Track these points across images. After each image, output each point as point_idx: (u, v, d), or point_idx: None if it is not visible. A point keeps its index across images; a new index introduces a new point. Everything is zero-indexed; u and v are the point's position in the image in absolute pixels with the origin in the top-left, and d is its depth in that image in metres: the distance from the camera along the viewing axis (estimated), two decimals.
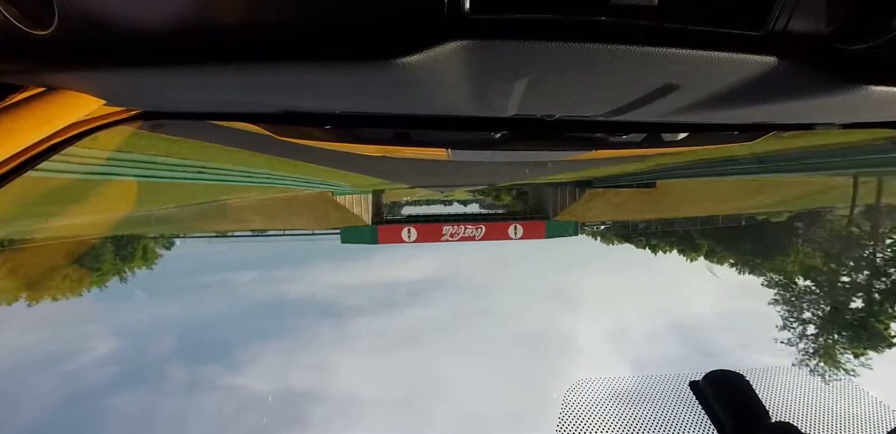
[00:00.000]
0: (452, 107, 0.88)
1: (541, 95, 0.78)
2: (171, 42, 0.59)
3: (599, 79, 0.67)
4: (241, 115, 1.06)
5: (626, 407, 0.76)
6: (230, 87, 0.75)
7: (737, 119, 0.97)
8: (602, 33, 0.54)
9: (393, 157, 1.94)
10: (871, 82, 0.59)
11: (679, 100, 0.75)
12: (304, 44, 0.58)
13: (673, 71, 0.60)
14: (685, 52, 0.55)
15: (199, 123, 1.16)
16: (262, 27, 0.57)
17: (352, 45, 0.57)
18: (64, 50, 0.61)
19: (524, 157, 2.29)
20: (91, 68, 0.64)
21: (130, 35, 0.59)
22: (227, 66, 0.61)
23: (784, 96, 0.70)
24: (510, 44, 0.54)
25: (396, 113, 1.02)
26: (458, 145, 1.32)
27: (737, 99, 0.71)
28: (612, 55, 0.55)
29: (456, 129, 1.11)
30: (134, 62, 0.62)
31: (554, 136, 1.21)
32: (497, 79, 0.69)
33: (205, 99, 0.91)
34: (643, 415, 0.74)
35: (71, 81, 0.70)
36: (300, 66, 0.60)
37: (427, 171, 4.59)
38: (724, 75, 0.61)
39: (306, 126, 1.14)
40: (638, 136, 1.21)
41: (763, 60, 0.57)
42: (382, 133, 1.16)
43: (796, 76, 0.61)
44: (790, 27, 0.55)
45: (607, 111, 0.88)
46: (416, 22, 0.54)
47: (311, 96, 0.83)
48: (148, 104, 0.93)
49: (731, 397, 0.66)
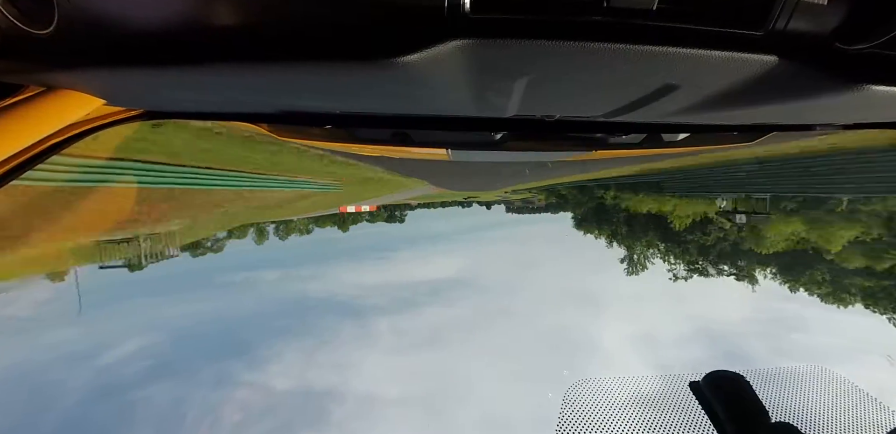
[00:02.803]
0: (453, 107, 0.88)
1: (541, 95, 0.78)
2: (172, 42, 0.59)
3: (599, 79, 0.67)
4: (242, 115, 1.06)
5: (626, 407, 0.76)
6: (230, 87, 0.75)
7: (737, 119, 0.97)
8: (602, 33, 0.54)
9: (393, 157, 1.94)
10: (871, 82, 0.59)
11: (679, 100, 0.75)
12: (305, 43, 0.58)
13: (673, 71, 0.60)
14: (685, 51, 0.55)
15: (198, 123, 1.15)
16: (263, 27, 0.57)
17: (352, 44, 0.57)
18: (64, 49, 0.61)
19: (524, 157, 2.29)
20: (91, 68, 0.64)
21: (130, 34, 0.59)
22: (227, 66, 0.61)
23: (784, 96, 0.70)
24: (510, 43, 0.54)
25: (397, 113, 1.02)
26: (459, 145, 1.32)
27: (737, 99, 0.71)
28: (613, 55, 0.55)
29: (456, 129, 1.11)
30: (134, 62, 0.62)
31: (554, 137, 1.21)
32: (497, 79, 0.69)
33: (205, 99, 0.91)
34: (643, 415, 0.74)
35: (71, 81, 0.70)
36: (300, 65, 0.60)
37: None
38: (724, 75, 0.61)
39: (307, 126, 1.14)
40: (638, 136, 1.20)
41: (763, 60, 0.57)
42: (382, 133, 1.16)
43: (796, 76, 0.61)
44: (790, 27, 0.55)
45: (607, 112, 0.88)
46: (417, 21, 0.54)
47: (311, 96, 0.83)
48: (148, 104, 0.93)
49: (730, 397, 0.66)
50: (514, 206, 13.45)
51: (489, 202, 13.17)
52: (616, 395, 0.78)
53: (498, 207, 13.23)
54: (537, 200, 12.96)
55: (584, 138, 1.21)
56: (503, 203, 13.08)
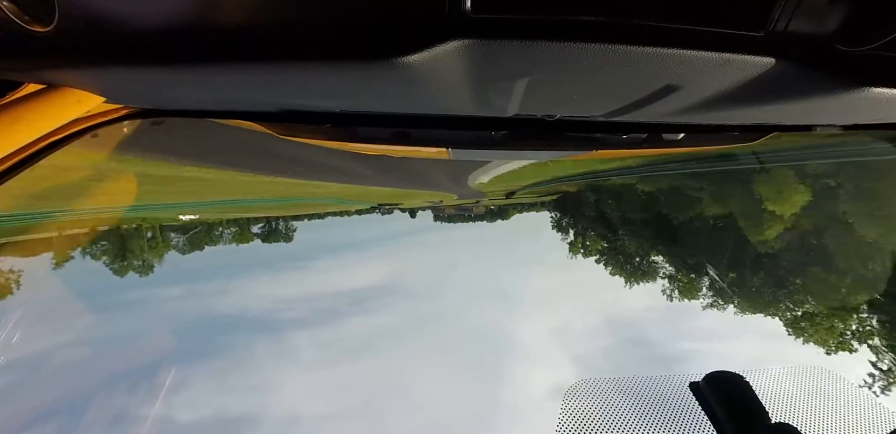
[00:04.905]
0: (453, 106, 0.88)
1: (541, 95, 0.78)
2: (172, 40, 0.59)
3: (600, 79, 0.67)
4: (242, 114, 1.06)
5: (626, 407, 0.76)
6: (231, 85, 0.75)
7: (737, 120, 0.97)
8: (603, 33, 0.54)
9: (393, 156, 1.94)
10: (872, 83, 0.59)
11: (680, 100, 0.75)
12: (305, 42, 0.57)
13: (674, 72, 0.60)
14: (686, 52, 0.55)
15: (198, 121, 1.16)
16: (264, 25, 0.57)
17: (353, 44, 0.57)
18: (64, 47, 0.61)
19: (524, 156, 2.29)
20: (91, 65, 0.64)
21: (131, 32, 0.59)
22: (227, 64, 0.61)
23: (785, 97, 0.70)
24: (511, 43, 0.54)
25: (397, 112, 1.02)
26: (459, 144, 1.32)
27: (737, 100, 0.71)
28: (613, 55, 0.55)
29: (457, 129, 1.11)
30: (134, 59, 0.62)
31: (554, 136, 1.21)
32: (498, 78, 0.69)
33: (205, 97, 0.91)
34: (643, 415, 0.74)
35: (71, 78, 0.70)
36: (301, 64, 0.60)
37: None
38: (724, 76, 0.61)
39: (307, 124, 1.14)
40: (638, 136, 1.21)
41: (764, 61, 0.57)
42: (383, 132, 1.16)
43: (797, 77, 0.61)
44: (791, 28, 0.55)
45: (608, 111, 0.88)
46: (418, 21, 0.54)
47: (311, 95, 0.83)
48: (148, 101, 0.93)
49: (730, 398, 0.66)
50: (445, 213, 12.26)
51: (414, 209, 11.61)
52: (616, 394, 0.78)
53: (424, 214, 11.87)
54: (476, 208, 11.94)
55: (585, 138, 1.21)
56: (432, 209, 11.69)
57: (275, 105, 0.97)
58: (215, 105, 1.00)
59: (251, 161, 3.50)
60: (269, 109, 1.01)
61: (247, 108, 1.02)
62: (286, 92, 0.81)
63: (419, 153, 1.64)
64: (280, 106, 0.97)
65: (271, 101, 0.92)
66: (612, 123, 1.05)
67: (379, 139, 1.19)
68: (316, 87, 0.75)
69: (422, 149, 1.44)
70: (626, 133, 1.16)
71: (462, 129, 1.11)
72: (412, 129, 1.14)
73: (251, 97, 0.88)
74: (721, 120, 0.96)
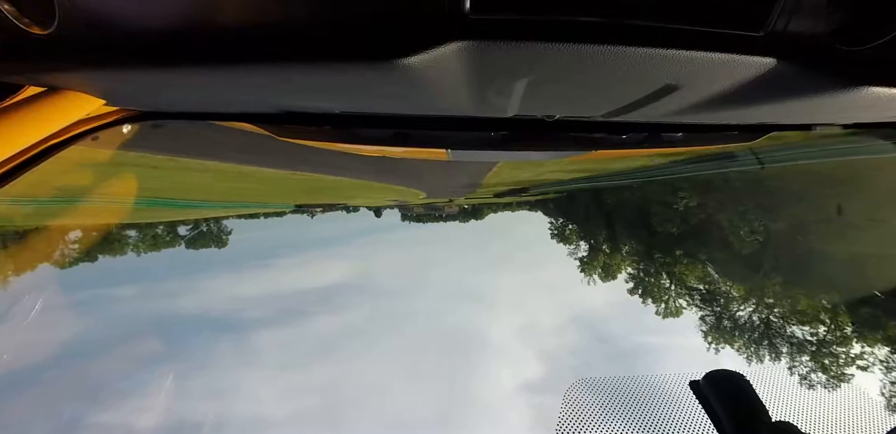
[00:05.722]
0: (453, 107, 0.88)
1: (541, 96, 0.78)
2: (172, 42, 0.59)
3: (600, 80, 0.67)
4: (242, 115, 1.06)
5: (626, 406, 0.76)
6: (231, 87, 0.75)
7: (737, 119, 0.97)
8: (602, 34, 0.54)
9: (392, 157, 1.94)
10: (872, 83, 0.59)
11: (679, 100, 0.75)
12: (305, 44, 0.58)
13: (673, 72, 0.60)
14: (685, 52, 0.55)
15: (198, 123, 1.16)
16: (263, 27, 0.57)
17: (352, 45, 0.57)
18: (64, 50, 0.61)
19: (524, 157, 2.29)
20: (91, 68, 0.64)
21: (131, 35, 0.59)
22: (227, 66, 0.61)
23: (784, 97, 0.70)
24: (510, 44, 0.54)
25: (396, 113, 1.02)
26: (458, 145, 1.32)
27: (737, 100, 0.71)
28: (613, 56, 0.55)
29: (456, 129, 1.11)
30: (134, 62, 0.62)
31: (554, 137, 1.21)
32: (497, 79, 0.69)
33: (205, 99, 0.91)
34: (644, 414, 0.74)
35: (71, 81, 0.70)
36: (300, 66, 0.60)
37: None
38: (724, 76, 0.61)
39: (306, 126, 1.14)
40: (638, 136, 1.21)
41: (763, 61, 0.57)
42: (382, 133, 1.16)
43: (797, 77, 0.61)
44: (790, 28, 0.55)
45: (607, 112, 0.88)
46: (417, 22, 0.54)
47: (311, 96, 0.83)
48: (148, 104, 0.93)
49: (731, 397, 0.67)
50: (414, 213, 11.56)
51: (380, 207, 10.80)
52: (616, 393, 0.78)
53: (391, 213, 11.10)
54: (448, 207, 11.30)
55: (584, 138, 1.21)
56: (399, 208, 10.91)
57: (275, 107, 0.97)
58: (215, 107, 1.00)
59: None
60: (269, 111, 1.01)
61: (247, 109, 1.02)
62: (286, 93, 0.81)
63: (419, 154, 1.64)
64: (280, 107, 0.97)
65: (271, 102, 0.92)
66: (611, 123, 1.05)
67: (378, 140, 1.19)
68: (315, 89, 0.76)
69: (421, 150, 1.44)
70: (625, 133, 1.16)
71: (462, 129, 1.11)
72: (412, 130, 1.14)
73: (251, 99, 0.89)
74: (721, 120, 0.96)
